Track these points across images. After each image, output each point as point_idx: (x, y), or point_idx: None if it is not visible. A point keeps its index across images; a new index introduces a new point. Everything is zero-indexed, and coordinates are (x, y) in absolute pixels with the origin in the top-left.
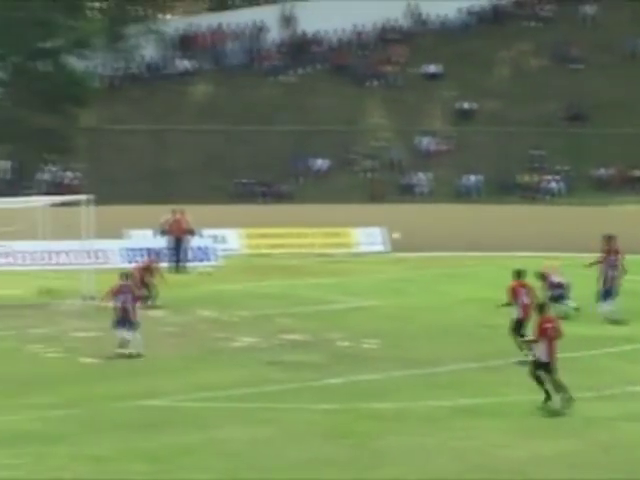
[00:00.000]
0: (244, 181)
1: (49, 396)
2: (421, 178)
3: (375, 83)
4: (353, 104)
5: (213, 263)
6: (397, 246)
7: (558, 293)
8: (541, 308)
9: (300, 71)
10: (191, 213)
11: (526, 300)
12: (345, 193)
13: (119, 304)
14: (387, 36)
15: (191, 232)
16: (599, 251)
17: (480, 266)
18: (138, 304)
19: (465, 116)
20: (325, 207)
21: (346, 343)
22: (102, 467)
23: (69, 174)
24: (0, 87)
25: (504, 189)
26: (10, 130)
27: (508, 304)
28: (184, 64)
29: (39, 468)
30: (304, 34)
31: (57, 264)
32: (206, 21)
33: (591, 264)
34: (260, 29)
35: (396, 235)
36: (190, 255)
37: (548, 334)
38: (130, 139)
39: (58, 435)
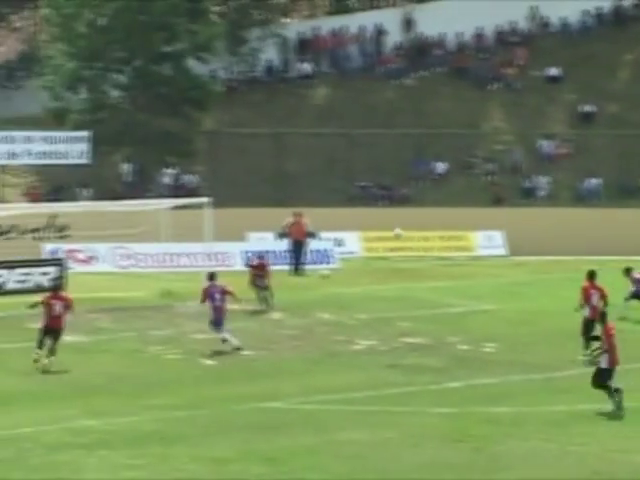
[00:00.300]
0: (363, 184)
1: (169, 397)
2: (541, 181)
3: (495, 86)
4: (473, 107)
5: (332, 266)
6: (513, 250)
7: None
8: (603, 317)
9: (420, 74)
10: (310, 216)
11: (595, 301)
12: (464, 196)
13: (213, 304)
14: (507, 39)
15: (311, 235)
16: None
17: (600, 270)
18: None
19: (585, 119)
20: (444, 210)
21: (465, 347)
22: (222, 468)
23: (189, 177)
24: (121, 91)
25: (624, 192)
26: (131, 133)
27: (580, 306)
28: (304, 67)
29: (160, 469)
30: (424, 37)
31: (178, 266)
32: (326, 24)
33: None
34: (380, 32)
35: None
36: (309, 258)
37: (613, 342)
38: (250, 142)
39: (178, 436)
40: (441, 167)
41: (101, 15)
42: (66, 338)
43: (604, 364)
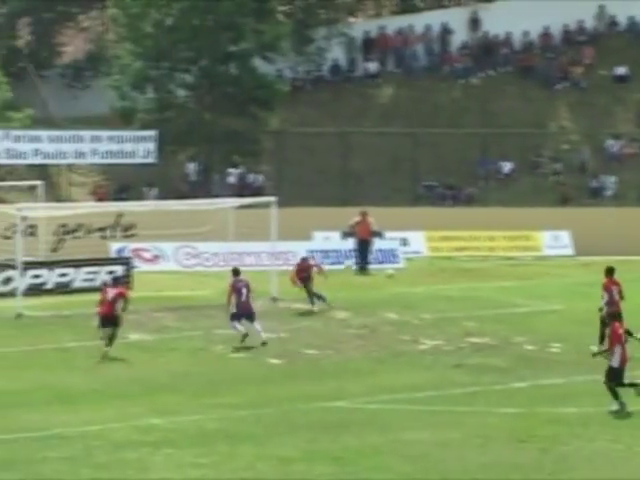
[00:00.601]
0: (429, 184)
1: (235, 396)
2: (608, 181)
3: (562, 85)
4: (539, 106)
5: (397, 265)
6: (580, 250)
7: None
8: (613, 316)
9: (486, 73)
10: (375, 215)
11: (616, 297)
12: (530, 196)
13: (239, 299)
14: (574, 38)
15: (377, 234)
16: None
17: None
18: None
19: None
20: (510, 210)
21: (531, 347)
22: (287, 468)
23: (255, 176)
24: (188, 90)
25: None
26: (197, 133)
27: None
28: (370, 67)
29: (226, 467)
30: (490, 36)
31: (243, 265)
32: (392, 24)
33: None
34: (446, 31)
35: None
36: (374, 257)
37: (622, 340)
38: (315, 141)
39: (244, 435)
40: (507, 167)
41: (168, 15)
42: (132, 336)
43: (615, 363)
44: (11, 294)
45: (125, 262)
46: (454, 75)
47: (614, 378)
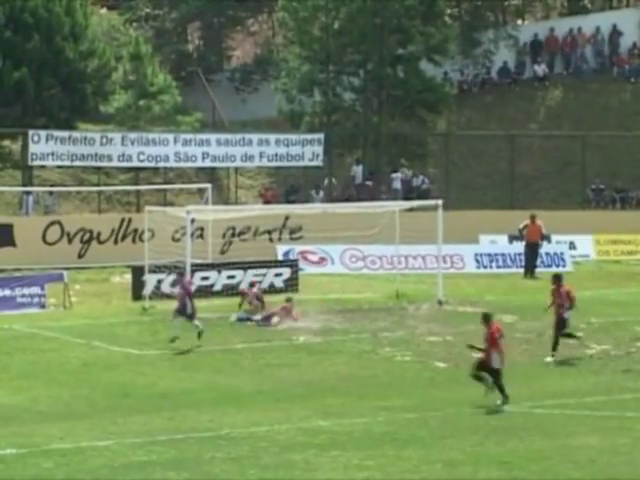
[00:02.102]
0: (597, 187)
1: (401, 399)
2: None
3: None
4: None
5: (565, 269)
6: None
7: None
8: (487, 318)
9: None
10: (543, 219)
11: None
12: None
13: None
14: None
15: (546, 238)
16: None
17: None
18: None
19: None
20: None
21: None
22: (453, 471)
23: (421, 179)
24: (355, 93)
25: None
26: (364, 136)
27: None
28: (537, 69)
29: (392, 470)
30: None
31: (408, 268)
32: (560, 25)
33: None
34: (616, 33)
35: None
36: (541, 261)
37: (500, 343)
38: (482, 144)
39: (410, 438)
40: None
41: (336, 18)
42: (300, 338)
43: (497, 364)
44: None
45: (292, 264)
46: (623, 77)
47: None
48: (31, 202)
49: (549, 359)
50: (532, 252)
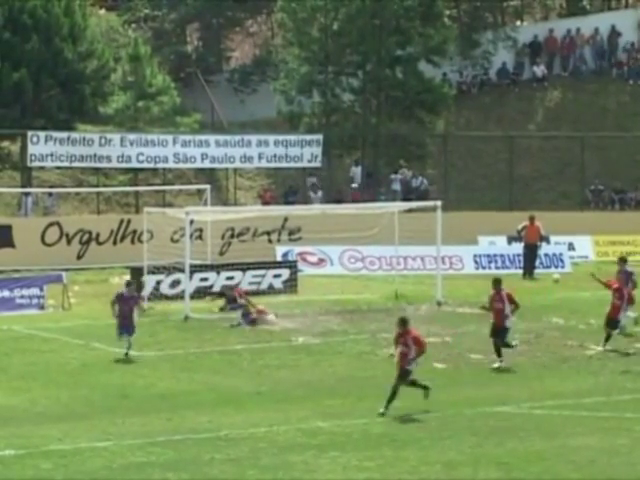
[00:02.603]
0: (595, 188)
1: (399, 400)
2: None
3: None
4: None
5: (564, 270)
6: None
7: None
8: (403, 322)
9: None
10: (542, 220)
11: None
12: None
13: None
14: None
15: (544, 239)
16: None
17: None
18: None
19: None
20: None
21: None
22: (452, 472)
23: (420, 180)
24: (354, 94)
25: None
26: (362, 137)
27: (487, 309)
28: (535, 70)
29: (391, 471)
30: None
31: (407, 269)
32: (559, 27)
33: None
34: (614, 34)
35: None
36: (540, 262)
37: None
38: (481, 145)
39: (409, 439)
40: None
41: (335, 19)
42: (299, 339)
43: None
44: (179, 297)
45: (291, 265)
46: (622, 78)
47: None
48: (30, 203)
49: (496, 364)
50: (531, 253)
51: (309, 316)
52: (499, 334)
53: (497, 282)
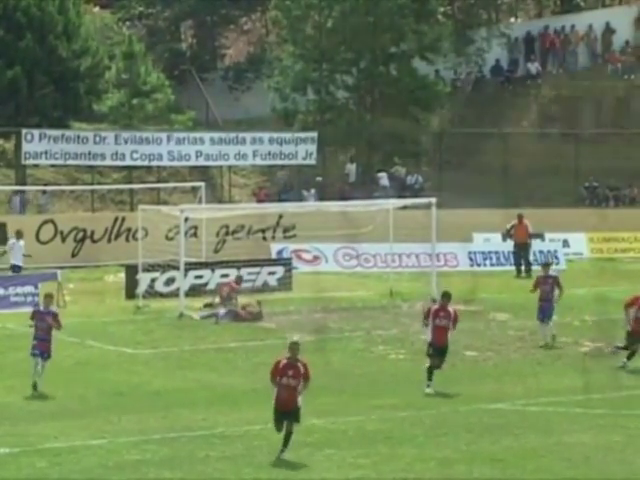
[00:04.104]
0: (590, 185)
1: (395, 398)
2: None
3: None
4: None
5: (558, 267)
6: None
7: None
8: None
9: None
10: (536, 217)
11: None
12: None
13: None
14: None
15: (534, 237)
16: None
17: None
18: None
19: None
20: None
21: None
22: (447, 469)
23: (415, 177)
24: (348, 92)
25: None
26: (357, 134)
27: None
28: (530, 67)
29: (386, 468)
30: None
31: (402, 266)
32: (554, 23)
33: None
34: (609, 31)
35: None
36: (535, 259)
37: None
38: (476, 142)
39: (404, 436)
40: None
41: (328, 17)
42: (293, 337)
43: None
44: (174, 294)
45: (285, 263)
46: (617, 74)
47: None
48: (18, 202)
49: (428, 390)
50: (522, 252)
51: (304, 313)
52: (440, 354)
53: (445, 296)
